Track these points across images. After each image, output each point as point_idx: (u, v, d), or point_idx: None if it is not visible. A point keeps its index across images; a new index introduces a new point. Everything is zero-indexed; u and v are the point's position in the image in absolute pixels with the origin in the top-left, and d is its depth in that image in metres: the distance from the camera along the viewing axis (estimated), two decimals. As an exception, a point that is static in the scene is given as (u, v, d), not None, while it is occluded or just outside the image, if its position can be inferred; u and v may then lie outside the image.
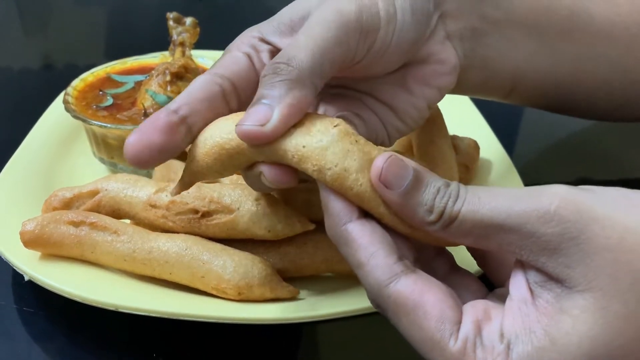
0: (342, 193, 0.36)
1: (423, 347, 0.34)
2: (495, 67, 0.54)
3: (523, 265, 0.35)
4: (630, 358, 0.31)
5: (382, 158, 0.35)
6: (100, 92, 0.69)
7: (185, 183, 0.43)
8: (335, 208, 0.36)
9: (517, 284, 0.35)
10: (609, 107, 0.61)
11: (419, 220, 0.35)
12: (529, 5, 0.53)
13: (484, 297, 0.38)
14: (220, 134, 0.39)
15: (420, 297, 0.34)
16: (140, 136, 0.39)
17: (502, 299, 0.37)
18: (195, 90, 0.41)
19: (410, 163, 0.35)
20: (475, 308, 0.35)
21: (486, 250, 0.39)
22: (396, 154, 0.36)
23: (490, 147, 0.67)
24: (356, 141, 0.36)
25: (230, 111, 0.41)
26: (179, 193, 0.44)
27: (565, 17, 0.55)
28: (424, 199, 0.35)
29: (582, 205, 0.32)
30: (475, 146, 0.64)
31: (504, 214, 0.33)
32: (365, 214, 0.36)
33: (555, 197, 0.32)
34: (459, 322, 0.34)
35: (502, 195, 0.34)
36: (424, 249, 0.40)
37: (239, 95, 0.42)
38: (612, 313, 0.31)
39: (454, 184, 0.35)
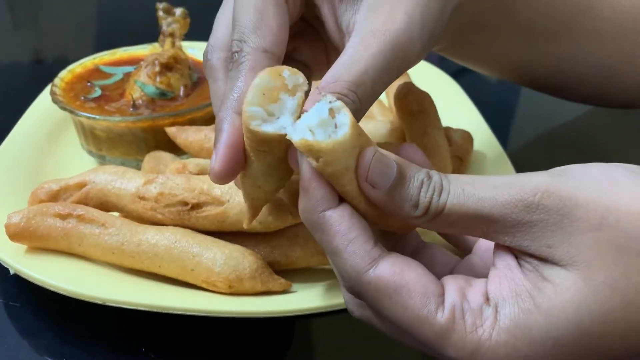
0: (333, 185, 0.35)
1: (411, 327, 0.33)
2: (469, 54, 0.54)
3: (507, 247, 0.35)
4: (613, 325, 0.32)
5: (367, 156, 0.34)
6: (89, 84, 0.68)
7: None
8: (317, 194, 0.35)
9: (502, 255, 0.35)
10: (582, 95, 0.63)
11: (405, 215, 0.35)
12: (528, 15, 0.54)
13: (453, 268, 0.39)
14: None
15: (400, 277, 0.34)
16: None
17: (472, 268, 0.38)
18: None
19: (392, 157, 0.35)
20: (456, 279, 0.35)
21: None
22: (378, 149, 0.35)
23: (483, 138, 0.67)
24: (359, 134, 0.34)
25: None
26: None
27: (563, 20, 0.56)
28: (408, 194, 0.34)
29: (565, 193, 0.33)
30: (468, 138, 0.64)
31: (488, 205, 0.33)
32: (341, 199, 0.36)
33: (538, 187, 0.33)
34: (442, 294, 0.34)
35: (485, 186, 0.34)
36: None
37: None
38: (598, 283, 0.32)
39: (435, 175, 0.35)
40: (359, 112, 0.38)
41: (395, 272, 0.34)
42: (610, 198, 0.33)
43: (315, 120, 0.33)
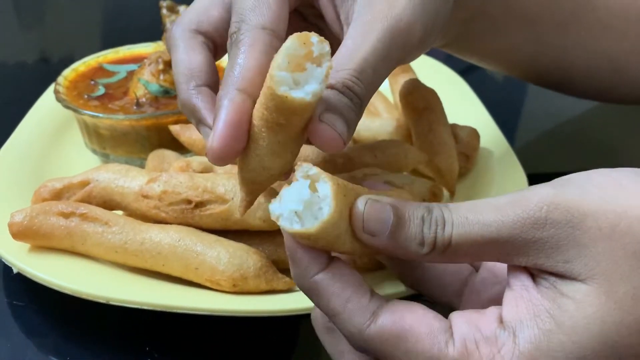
0: (327, 250, 0.34)
1: None
2: (475, 48, 0.54)
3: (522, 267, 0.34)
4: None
5: (359, 208, 0.33)
6: (92, 82, 0.68)
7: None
8: (303, 260, 0.34)
9: (517, 275, 0.34)
10: (589, 90, 0.62)
11: (414, 255, 0.34)
12: (534, 5, 0.53)
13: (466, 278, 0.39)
14: None
15: (402, 323, 0.33)
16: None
17: (482, 285, 0.37)
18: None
19: (386, 200, 0.34)
20: (463, 313, 0.34)
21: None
22: (370, 197, 0.34)
23: (490, 135, 0.66)
24: (344, 195, 0.33)
25: None
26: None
27: (569, 9, 0.55)
28: (411, 234, 0.34)
29: (571, 203, 0.32)
30: (475, 135, 0.63)
31: (495, 228, 0.32)
32: (330, 257, 0.35)
33: (543, 201, 0.32)
34: (449, 329, 0.33)
35: (488, 209, 0.33)
36: None
37: None
38: (620, 294, 0.30)
39: (435, 208, 0.34)
40: (364, 99, 0.37)
41: (395, 321, 0.33)
42: (618, 204, 0.32)
43: (300, 205, 0.32)
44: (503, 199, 0.33)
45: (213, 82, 0.43)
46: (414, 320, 0.33)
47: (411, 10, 0.39)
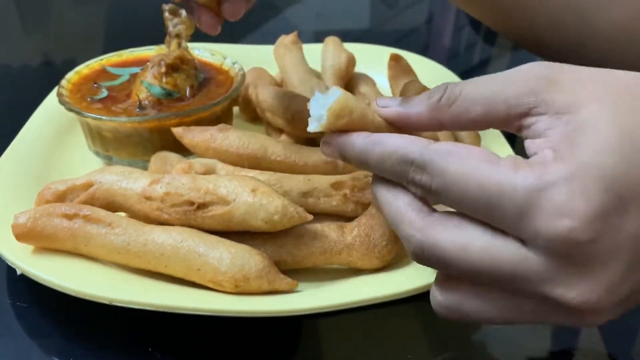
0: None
1: (490, 188, 0.32)
2: None
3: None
4: None
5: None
6: (95, 85, 0.68)
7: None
8: (353, 140, 0.39)
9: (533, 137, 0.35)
10: (559, 45, 0.62)
11: (425, 110, 0.38)
12: None
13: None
14: None
15: (456, 146, 0.35)
16: None
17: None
18: None
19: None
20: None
21: None
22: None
23: (491, 137, 0.66)
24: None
25: None
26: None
27: None
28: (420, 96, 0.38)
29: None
30: (476, 137, 0.63)
31: (501, 77, 0.36)
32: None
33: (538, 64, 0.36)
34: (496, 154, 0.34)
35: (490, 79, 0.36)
36: None
37: None
38: (627, 102, 0.33)
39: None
40: None
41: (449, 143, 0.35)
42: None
43: (323, 110, 0.40)
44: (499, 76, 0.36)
45: None
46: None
47: None
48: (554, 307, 0.32)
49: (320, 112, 0.40)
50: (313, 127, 0.40)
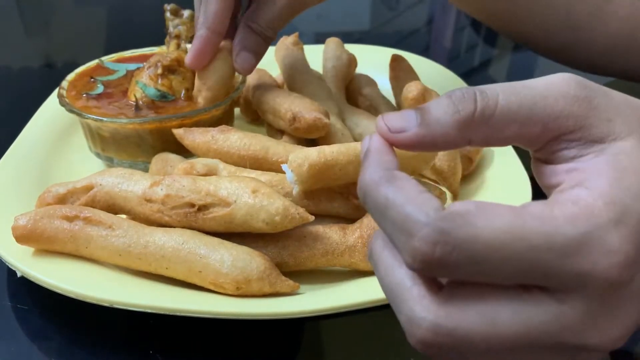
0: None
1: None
2: None
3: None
4: None
5: (379, 119, 0.34)
6: (91, 79, 0.68)
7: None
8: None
9: (561, 170, 0.34)
10: (550, 47, 0.62)
11: (451, 129, 0.32)
12: None
13: None
14: None
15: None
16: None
17: None
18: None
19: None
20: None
21: None
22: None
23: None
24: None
25: None
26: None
27: None
28: (443, 107, 0.33)
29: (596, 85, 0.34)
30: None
31: (537, 92, 0.33)
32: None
33: (572, 77, 0.34)
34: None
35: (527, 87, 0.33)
36: None
37: None
38: None
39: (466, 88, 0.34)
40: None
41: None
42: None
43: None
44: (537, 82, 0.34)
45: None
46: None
47: None
48: (581, 351, 0.31)
49: (292, 177, 0.49)
50: (294, 190, 0.49)
